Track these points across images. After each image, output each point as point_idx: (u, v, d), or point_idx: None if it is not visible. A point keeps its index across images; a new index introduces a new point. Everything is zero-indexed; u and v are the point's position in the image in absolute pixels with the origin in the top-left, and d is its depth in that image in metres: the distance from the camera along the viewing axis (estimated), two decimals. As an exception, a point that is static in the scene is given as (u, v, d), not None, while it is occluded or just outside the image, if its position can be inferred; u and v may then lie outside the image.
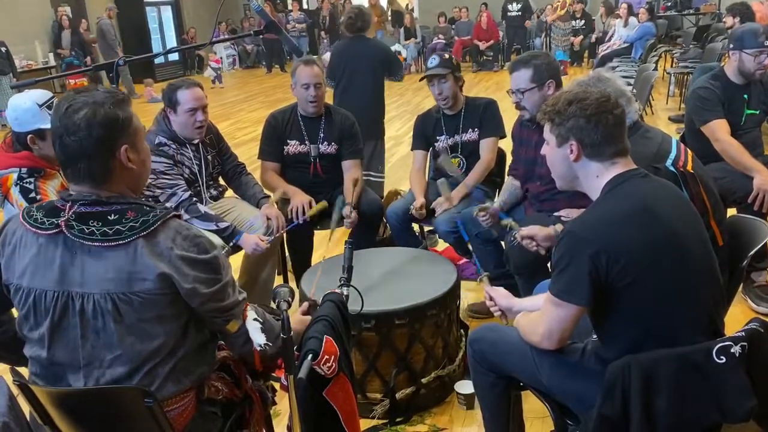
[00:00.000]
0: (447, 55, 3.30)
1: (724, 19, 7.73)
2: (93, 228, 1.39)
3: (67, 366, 1.45)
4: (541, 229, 2.40)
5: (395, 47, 13.63)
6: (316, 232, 3.41)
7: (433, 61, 3.26)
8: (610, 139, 1.64)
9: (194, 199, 2.91)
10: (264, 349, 1.58)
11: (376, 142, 4.46)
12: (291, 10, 15.02)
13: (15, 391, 1.54)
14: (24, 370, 1.57)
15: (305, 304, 1.93)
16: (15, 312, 1.68)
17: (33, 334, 1.47)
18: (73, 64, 10.48)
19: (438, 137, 3.36)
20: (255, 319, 1.58)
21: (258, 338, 1.57)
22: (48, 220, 1.42)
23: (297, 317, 1.84)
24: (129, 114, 1.45)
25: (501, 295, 2.07)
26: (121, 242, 1.39)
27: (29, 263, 1.44)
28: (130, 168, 1.45)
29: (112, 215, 1.41)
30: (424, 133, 3.41)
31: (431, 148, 3.43)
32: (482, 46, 13.02)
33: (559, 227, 2.39)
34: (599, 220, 1.59)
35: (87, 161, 1.40)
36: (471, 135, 3.31)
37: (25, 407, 1.57)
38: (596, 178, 1.67)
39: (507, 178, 3.06)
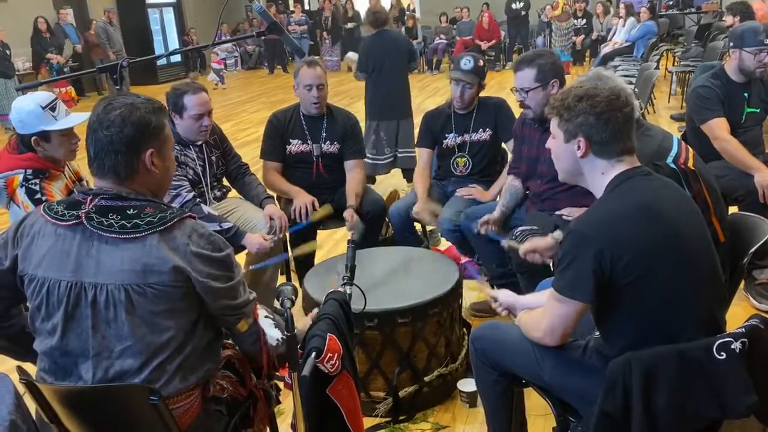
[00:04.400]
0: (481, 62, 3.27)
1: (724, 18, 7.73)
2: (112, 220, 1.45)
3: (78, 355, 1.48)
4: (542, 240, 2.39)
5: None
6: (319, 231, 3.42)
7: (468, 63, 3.22)
8: (618, 138, 1.64)
9: (198, 200, 2.92)
10: (278, 344, 1.63)
11: (407, 120, 5.23)
12: (293, 12, 15.02)
13: (21, 389, 1.56)
14: (31, 369, 1.58)
15: (315, 311, 1.95)
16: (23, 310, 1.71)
17: (45, 325, 1.50)
18: (62, 70, 10.43)
19: (447, 135, 3.36)
20: (266, 317, 1.64)
21: (274, 333, 1.63)
22: (69, 213, 1.48)
23: (300, 327, 1.87)
24: (162, 122, 1.53)
25: (504, 294, 2.08)
26: (137, 235, 1.44)
27: (46, 253, 1.48)
28: (153, 172, 1.52)
29: (131, 210, 1.46)
30: (432, 131, 3.41)
31: (437, 146, 3.43)
32: (484, 46, 13.00)
33: (557, 234, 2.40)
34: (603, 219, 1.60)
35: (114, 156, 1.47)
36: (482, 135, 3.32)
37: (32, 406, 1.59)
38: (601, 175, 1.68)
39: (507, 178, 3.06)
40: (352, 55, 6.61)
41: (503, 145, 3.39)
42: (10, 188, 2.29)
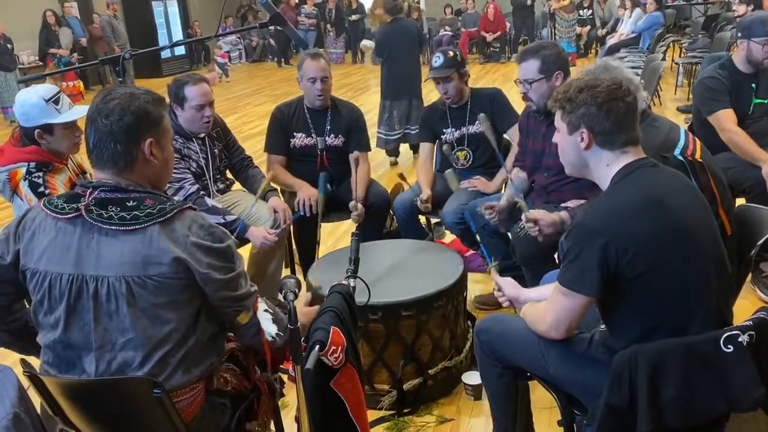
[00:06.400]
0: (451, 53, 3.25)
1: (734, 8, 7.67)
2: (111, 213, 1.44)
3: (81, 348, 1.48)
4: (547, 215, 2.40)
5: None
6: (323, 224, 3.42)
7: (438, 60, 3.23)
8: (621, 128, 1.63)
9: (202, 192, 2.92)
10: (275, 340, 1.62)
11: (417, 100, 5.81)
12: (304, 4, 14.92)
13: (26, 382, 1.56)
14: (34, 362, 1.58)
15: (308, 295, 1.95)
16: (27, 303, 1.71)
17: (48, 318, 1.50)
18: (70, 62, 10.40)
19: (444, 130, 3.35)
20: (266, 311, 1.63)
21: (270, 328, 1.61)
22: (68, 206, 1.47)
23: (301, 309, 1.87)
24: (160, 113, 1.53)
25: (509, 285, 2.07)
26: (138, 227, 1.43)
27: (47, 247, 1.48)
28: (152, 162, 1.51)
29: (131, 201, 1.46)
30: (431, 125, 3.42)
31: (438, 140, 3.43)
32: (489, 37, 12.95)
33: (564, 214, 2.39)
34: (610, 212, 1.58)
35: (113, 145, 1.46)
36: (478, 127, 3.30)
37: (36, 399, 1.59)
38: (606, 166, 1.66)
39: (513, 170, 3.05)
40: (367, 43, 7.03)
41: (505, 135, 3.38)
42: (14, 181, 2.29)
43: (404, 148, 6.21)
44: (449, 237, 3.82)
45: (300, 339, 1.51)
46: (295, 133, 3.33)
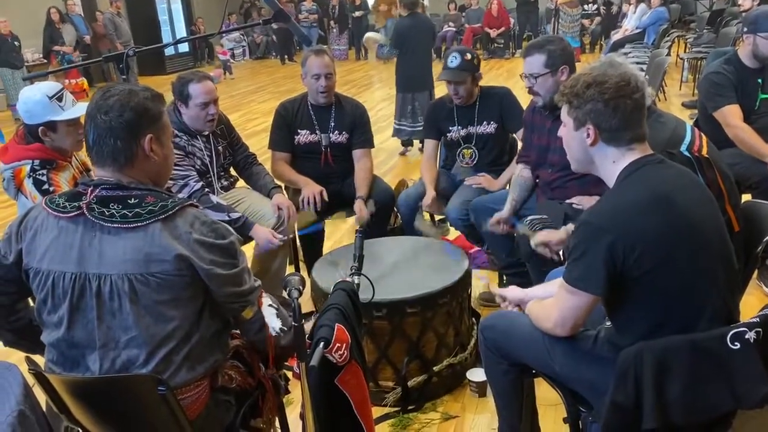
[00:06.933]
0: (469, 55, 3.18)
1: (740, 3, 7.63)
2: (113, 210, 1.44)
3: (85, 347, 1.48)
4: (553, 234, 2.36)
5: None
6: (326, 221, 3.42)
7: (454, 60, 3.16)
8: (627, 125, 1.61)
9: (206, 189, 2.92)
10: (279, 334, 1.61)
11: (430, 91, 5.96)
12: (304, 0, 14.91)
13: (31, 380, 1.56)
14: (40, 360, 1.59)
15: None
16: (31, 302, 1.71)
17: (51, 317, 1.50)
18: (72, 60, 10.40)
19: (450, 128, 3.33)
20: (270, 306, 1.63)
21: (274, 323, 1.61)
22: (70, 204, 1.47)
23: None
24: (160, 110, 1.53)
25: (512, 290, 2.06)
26: (139, 224, 1.43)
27: (49, 246, 1.48)
28: (152, 158, 1.51)
29: (132, 199, 1.46)
30: (436, 122, 3.39)
31: (443, 137, 3.41)
32: (493, 33, 12.94)
33: (570, 227, 2.37)
34: (615, 209, 1.57)
35: (113, 141, 1.46)
36: (486, 128, 3.27)
37: (41, 396, 1.59)
38: (612, 163, 1.65)
39: (516, 168, 3.03)
40: (374, 35, 7.01)
41: (513, 134, 3.36)
42: (18, 179, 2.29)
43: (415, 143, 6.25)
44: (454, 233, 3.81)
45: (304, 336, 1.51)
46: (299, 130, 3.32)
